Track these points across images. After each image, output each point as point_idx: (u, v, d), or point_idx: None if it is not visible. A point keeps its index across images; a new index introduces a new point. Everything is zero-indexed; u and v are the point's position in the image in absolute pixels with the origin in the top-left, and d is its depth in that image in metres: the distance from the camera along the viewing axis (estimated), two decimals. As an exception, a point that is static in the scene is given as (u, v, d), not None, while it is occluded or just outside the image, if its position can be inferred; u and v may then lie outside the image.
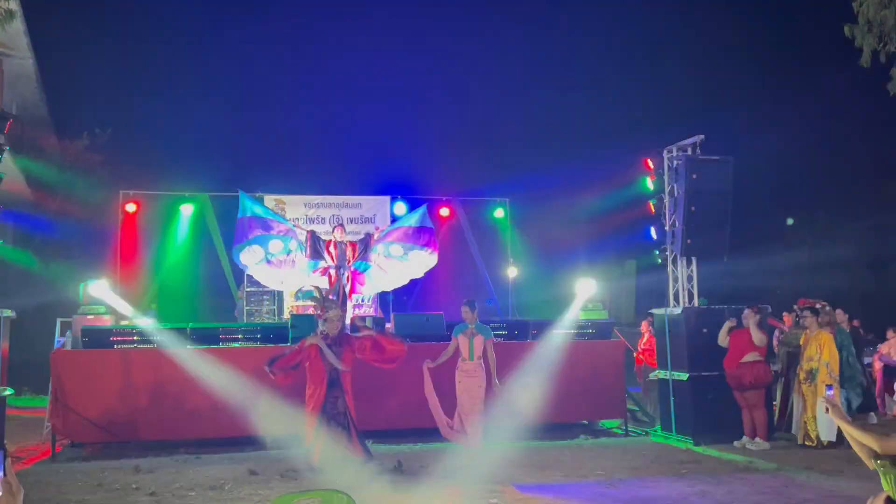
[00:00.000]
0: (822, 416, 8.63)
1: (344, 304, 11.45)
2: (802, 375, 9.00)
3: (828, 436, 8.57)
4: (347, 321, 10.43)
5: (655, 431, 10.25)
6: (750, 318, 9.07)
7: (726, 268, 11.41)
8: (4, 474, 1.95)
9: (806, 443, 8.89)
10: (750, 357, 8.92)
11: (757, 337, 8.92)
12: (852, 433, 3.62)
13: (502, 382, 8.49)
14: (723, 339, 9.25)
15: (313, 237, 11.65)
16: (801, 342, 9.30)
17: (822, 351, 8.84)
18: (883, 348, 11.77)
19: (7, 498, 1.93)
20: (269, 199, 15.05)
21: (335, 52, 27.35)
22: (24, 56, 15.08)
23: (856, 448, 3.60)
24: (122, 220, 14.14)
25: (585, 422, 10.68)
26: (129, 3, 23.37)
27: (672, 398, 9.74)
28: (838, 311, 10.90)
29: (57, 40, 17.95)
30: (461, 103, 25.84)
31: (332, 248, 11.60)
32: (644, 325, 12.28)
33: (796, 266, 23.92)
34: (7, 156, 8.93)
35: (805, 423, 8.95)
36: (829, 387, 3.83)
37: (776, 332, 10.89)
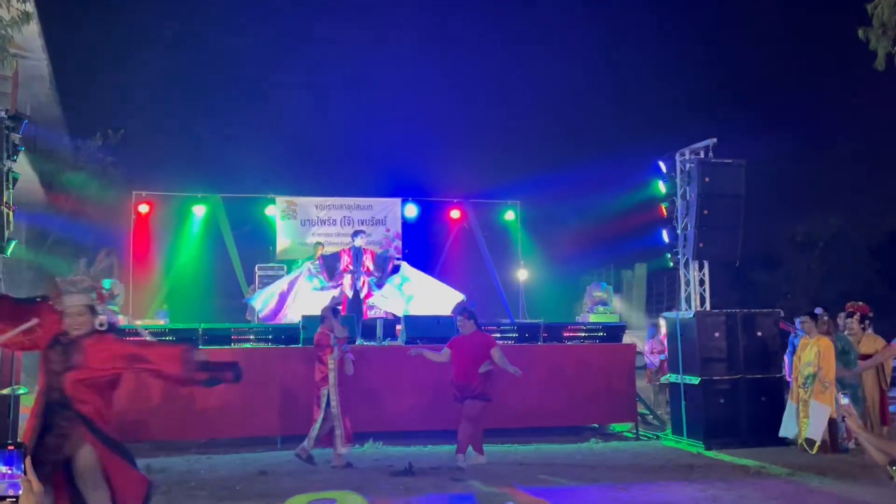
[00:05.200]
0: (813, 418, 8.61)
1: (360, 305, 11.53)
2: (801, 380, 8.93)
3: (814, 435, 8.57)
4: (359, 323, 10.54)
5: (666, 435, 10.20)
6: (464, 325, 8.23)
7: (738, 271, 11.34)
8: (24, 473, 1.96)
9: (805, 447, 8.80)
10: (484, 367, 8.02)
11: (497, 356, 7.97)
12: (870, 440, 3.60)
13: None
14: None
15: (325, 261, 11.78)
16: (798, 347, 9.19)
17: (819, 357, 8.79)
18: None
19: (27, 496, 1.94)
20: (281, 201, 15.12)
21: (347, 54, 27.42)
22: (39, 58, 15.19)
23: (873, 454, 3.58)
24: (135, 221, 14.23)
25: (596, 425, 10.64)
26: (142, 6, 23.52)
27: (683, 402, 9.69)
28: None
29: (71, 42, 18.08)
30: (472, 105, 25.86)
31: (346, 257, 11.71)
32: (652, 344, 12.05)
33: (808, 270, 23.82)
34: (21, 156, 8.98)
35: (802, 428, 8.87)
36: (846, 394, 3.80)
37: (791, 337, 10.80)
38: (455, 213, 16.27)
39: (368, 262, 11.65)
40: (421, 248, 16.22)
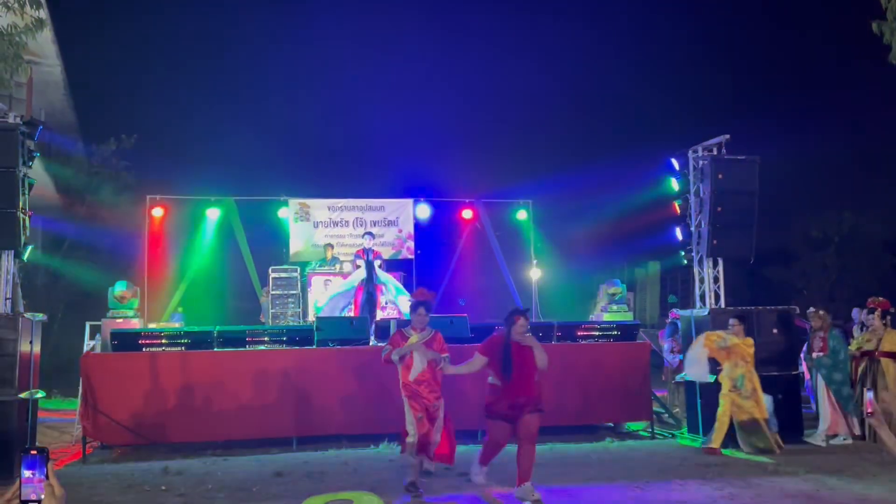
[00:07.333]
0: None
1: (373, 306, 11.57)
2: (728, 385, 8.86)
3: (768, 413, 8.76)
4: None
5: (682, 434, 10.16)
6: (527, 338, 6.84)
7: (752, 268, 11.27)
8: (46, 476, 1.98)
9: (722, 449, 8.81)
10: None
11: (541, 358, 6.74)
12: (889, 437, 3.59)
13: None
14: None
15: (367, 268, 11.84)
16: (724, 350, 8.99)
17: (748, 360, 8.78)
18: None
19: (49, 500, 1.95)
20: (294, 203, 15.17)
21: (358, 55, 27.44)
22: (53, 64, 15.35)
23: (893, 449, 3.57)
24: (150, 225, 14.31)
25: (611, 424, 10.61)
26: (155, 11, 23.64)
27: (699, 400, 9.65)
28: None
29: (84, 48, 18.21)
30: (483, 105, 25.82)
31: (362, 257, 11.78)
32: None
33: (823, 266, 23.64)
34: (37, 162, 9.07)
35: (723, 427, 8.85)
36: (870, 390, 3.80)
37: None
38: (467, 213, 16.27)
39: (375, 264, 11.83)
40: (433, 248, 16.25)
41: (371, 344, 9.83)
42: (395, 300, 12.00)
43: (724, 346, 8.83)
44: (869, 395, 3.72)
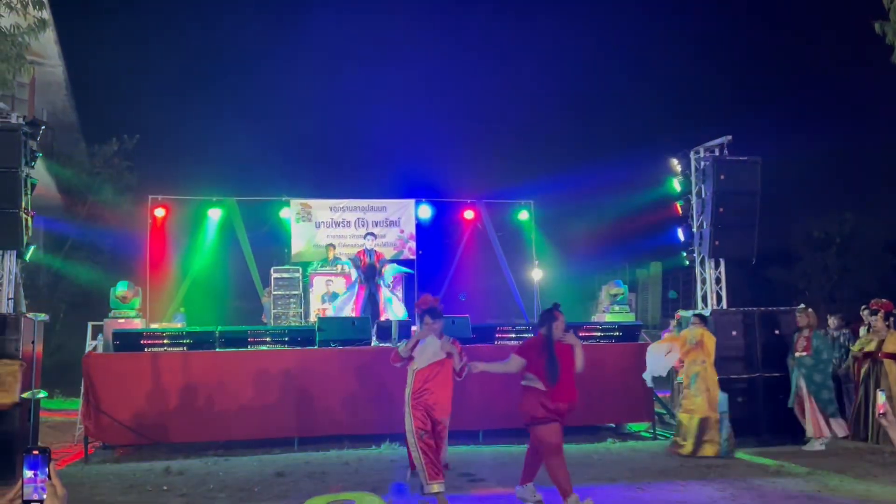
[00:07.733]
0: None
1: (376, 306, 11.57)
2: (686, 381, 8.88)
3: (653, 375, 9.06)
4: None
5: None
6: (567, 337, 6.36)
7: (754, 269, 11.27)
8: (48, 476, 1.98)
9: (679, 451, 8.76)
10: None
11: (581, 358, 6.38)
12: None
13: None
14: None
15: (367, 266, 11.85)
16: (685, 345, 9.01)
17: (706, 352, 8.78)
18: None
19: (51, 500, 1.96)
20: (296, 203, 15.16)
21: (360, 56, 27.47)
22: (55, 64, 15.38)
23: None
24: (151, 225, 14.31)
25: (613, 425, 10.62)
26: (157, 13, 23.68)
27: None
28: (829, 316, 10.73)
29: (86, 48, 18.23)
30: (485, 105, 25.83)
31: (363, 257, 11.79)
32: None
33: (824, 267, 23.62)
34: (39, 162, 9.08)
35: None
36: (883, 391, 3.82)
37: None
38: (469, 214, 16.25)
39: (377, 265, 11.85)
40: (435, 248, 16.23)
41: (373, 344, 9.83)
42: (390, 305, 12.01)
43: (695, 341, 8.85)
44: (882, 397, 3.73)
